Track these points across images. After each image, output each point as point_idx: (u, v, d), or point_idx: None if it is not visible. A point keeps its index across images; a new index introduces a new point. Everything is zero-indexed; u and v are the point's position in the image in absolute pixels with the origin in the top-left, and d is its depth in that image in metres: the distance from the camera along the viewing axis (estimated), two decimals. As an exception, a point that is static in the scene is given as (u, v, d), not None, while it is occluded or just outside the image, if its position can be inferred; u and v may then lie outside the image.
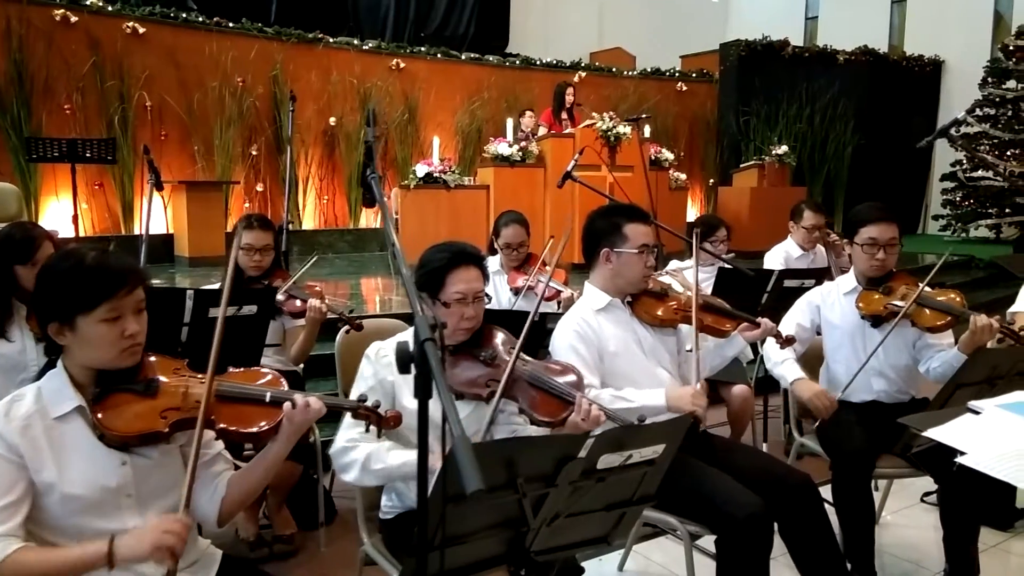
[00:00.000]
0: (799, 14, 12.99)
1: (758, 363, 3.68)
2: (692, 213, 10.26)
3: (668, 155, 7.82)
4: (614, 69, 10.40)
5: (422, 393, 1.00)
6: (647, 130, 7.74)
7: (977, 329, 2.43)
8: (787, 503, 2.19)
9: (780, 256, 4.13)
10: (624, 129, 7.03)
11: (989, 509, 2.90)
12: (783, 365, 2.71)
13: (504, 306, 3.71)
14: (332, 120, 8.22)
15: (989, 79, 10.01)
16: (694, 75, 10.80)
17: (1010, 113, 9.84)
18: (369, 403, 1.58)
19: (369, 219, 8.62)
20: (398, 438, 1.84)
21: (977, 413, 1.58)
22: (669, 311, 2.43)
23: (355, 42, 8.59)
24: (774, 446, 3.53)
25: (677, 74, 10.80)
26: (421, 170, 6.50)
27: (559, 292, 3.59)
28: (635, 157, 7.21)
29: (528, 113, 7.74)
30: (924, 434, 1.51)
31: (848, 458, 2.49)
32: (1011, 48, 9.85)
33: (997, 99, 9.91)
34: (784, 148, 8.86)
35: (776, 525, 2.22)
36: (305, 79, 7.99)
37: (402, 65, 8.73)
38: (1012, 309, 3.02)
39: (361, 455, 1.80)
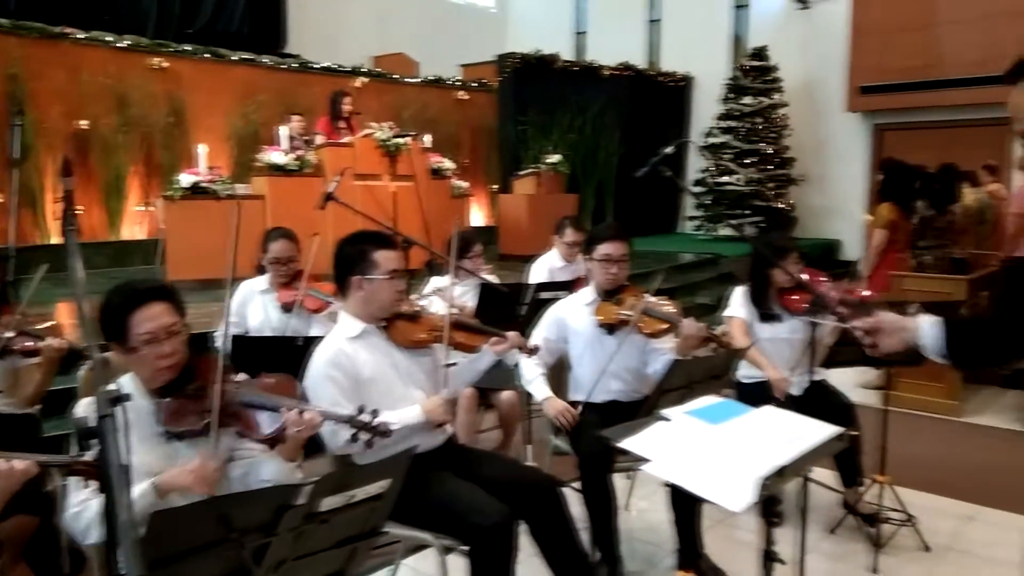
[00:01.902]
0: (569, 29, 13.83)
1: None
2: (477, 219, 10.60)
3: (449, 164, 8.01)
4: (396, 76, 10.43)
5: (105, 472, 0.98)
6: (427, 139, 7.88)
7: (687, 335, 2.78)
8: (534, 506, 2.38)
9: (544, 268, 4.40)
10: (403, 139, 7.11)
11: (839, 468, 3.30)
12: (534, 384, 2.96)
13: (273, 325, 3.63)
14: (83, 123, 7.49)
15: (729, 95, 11.30)
16: (474, 84, 11.13)
17: (748, 126, 11.19)
18: (88, 456, 1.51)
19: (134, 231, 7.97)
20: None
21: (668, 420, 1.83)
22: (423, 332, 2.53)
23: (109, 39, 7.88)
24: (539, 444, 3.78)
25: (458, 83, 11.07)
26: (186, 179, 6.14)
27: (327, 304, 3.57)
28: (416, 166, 7.34)
29: (295, 118, 7.49)
30: (619, 444, 1.72)
31: (590, 457, 2.75)
32: (747, 67, 11.21)
33: (737, 113, 11.21)
34: (558, 157, 9.39)
35: (529, 528, 2.42)
36: (49, 78, 7.21)
37: (165, 65, 8.14)
38: (726, 313, 3.48)
39: (93, 512, 1.71)
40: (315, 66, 9.65)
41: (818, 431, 1.80)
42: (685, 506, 2.80)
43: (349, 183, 6.30)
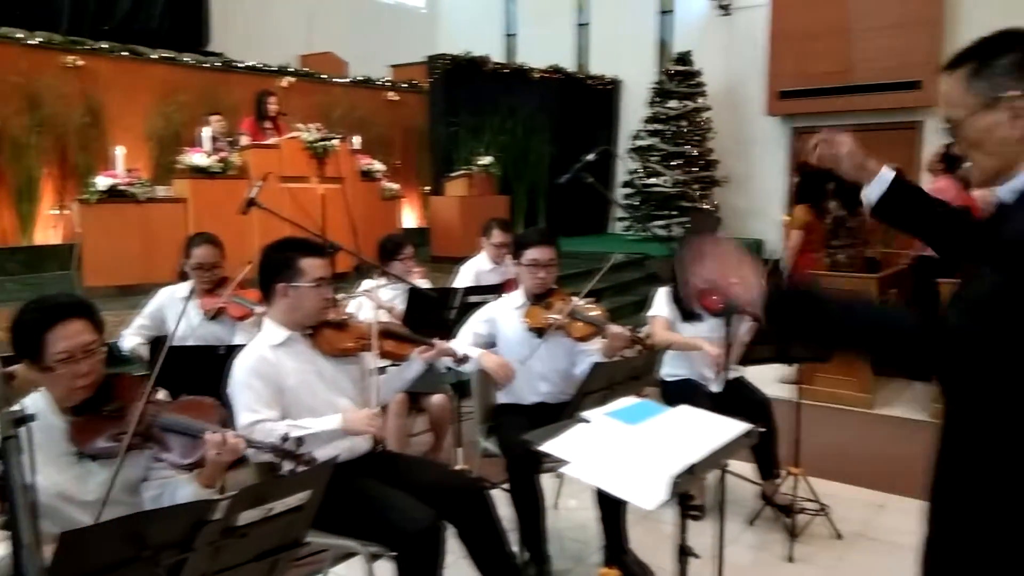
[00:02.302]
0: (499, 31, 13.90)
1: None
2: (410, 221, 10.54)
3: (379, 166, 7.96)
4: (324, 76, 10.29)
5: (8, 494, 0.96)
6: (357, 141, 7.81)
7: (612, 338, 2.86)
8: (461, 509, 2.41)
9: (471, 272, 4.43)
10: (331, 141, 7.03)
11: (757, 461, 3.43)
12: (467, 349, 2.92)
13: (196, 333, 3.55)
14: (-9, 123, 7.14)
15: (656, 98, 11.56)
16: (405, 85, 11.07)
17: (674, 129, 11.46)
18: None
19: (48, 235, 7.64)
20: (54, 515, 1.73)
21: (587, 422, 1.88)
22: (350, 341, 2.52)
23: (19, 35, 7.53)
24: (470, 447, 3.80)
25: (388, 84, 10.99)
26: (103, 182, 5.92)
27: (251, 311, 3.52)
28: (345, 168, 7.27)
29: (214, 118, 7.31)
30: (540, 448, 1.76)
31: (517, 458, 2.79)
32: (672, 72, 11.48)
33: (663, 116, 11.48)
34: (489, 159, 9.44)
35: (457, 531, 2.45)
36: (-49, 76, 6.85)
37: (80, 63, 7.83)
38: (649, 313, 3.58)
39: None
40: (239, 65, 9.43)
41: (728, 428, 1.88)
42: (611, 503, 2.87)
43: (275, 185, 6.20)
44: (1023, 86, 1.26)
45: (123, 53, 8.30)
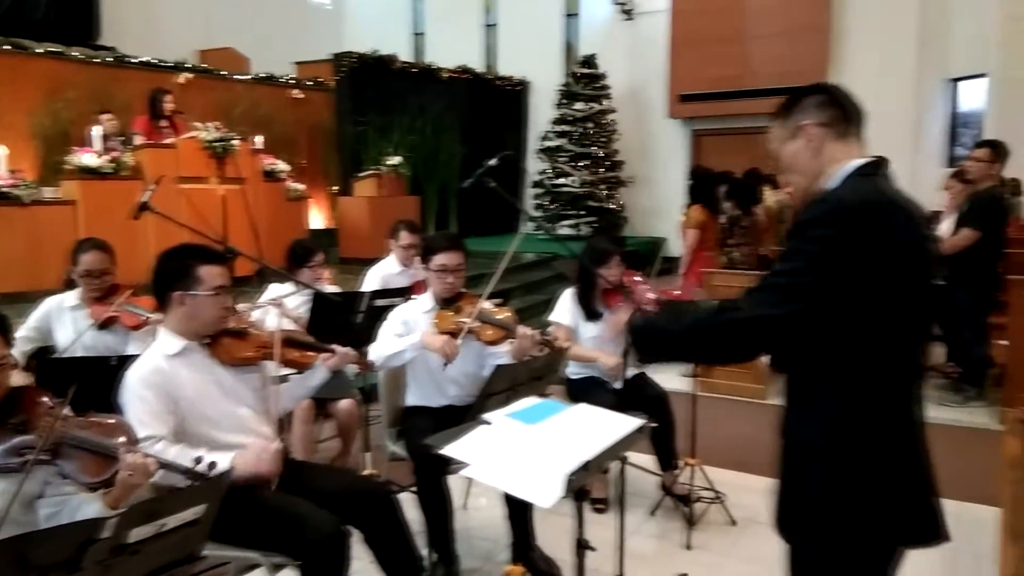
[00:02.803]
0: (407, 29, 13.82)
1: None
2: (317, 222, 10.35)
3: (283, 166, 7.79)
4: (224, 72, 9.97)
5: None
6: (259, 140, 7.61)
7: (521, 340, 2.92)
8: (366, 514, 2.42)
9: (378, 276, 4.41)
10: (232, 140, 6.83)
11: (656, 453, 3.58)
12: (399, 343, 2.97)
13: (85, 343, 3.40)
14: None
15: (563, 100, 11.77)
16: (310, 83, 10.85)
17: (581, 130, 11.70)
18: None
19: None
20: None
21: (488, 424, 1.93)
22: (250, 350, 2.48)
23: None
24: (378, 451, 3.80)
25: (292, 81, 10.75)
26: (-18, 185, 5.58)
27: (146, 320, 3.39)
28: (247, 169, 7.08)
29: (105, 116, 6.98)
30: (441, 452, 1.80)
31: (424, 461, 2.82)
32: (578, 74, 11.72)
33: (570, 118, 11.70)
34: (399, 159, 9.38)
35: (363, 536, 2.46)
36: None
37: (-45, 57, 7.34)
38: (552, 317, 3.68)
39: None
40: (132, 60, 9.01)
41: (623, 424, 1.97)
42: (518, 501, 2.93)
43: (172, 187, 5.99)
44: (814, 118, 1.59)
45: (5, 47, 7.81)
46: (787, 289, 1.45)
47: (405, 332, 3.13)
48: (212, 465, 1.87)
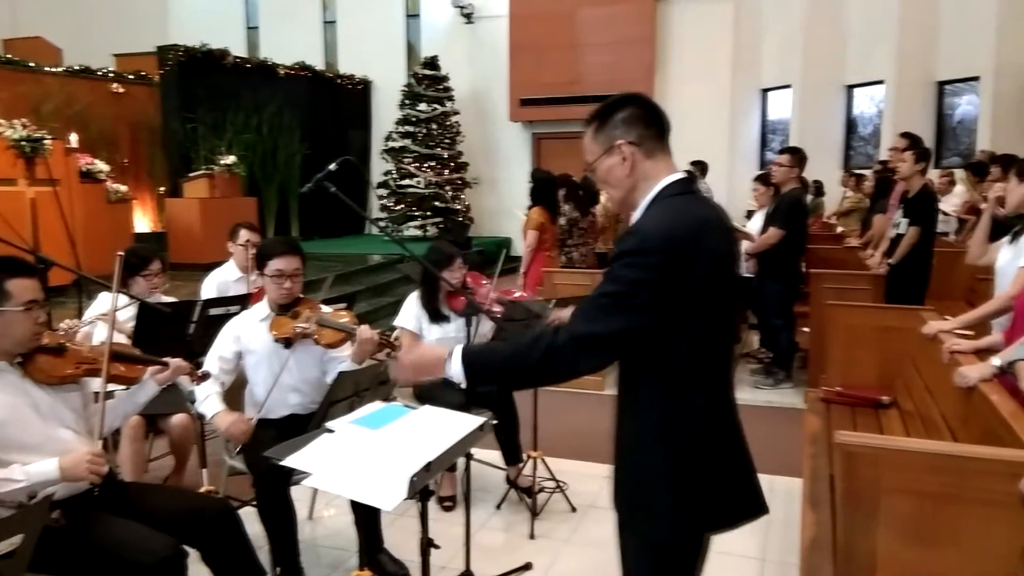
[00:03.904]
0: (240, 23, 13.24)
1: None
2: (142, 225, 9.71)
3: (103, 166, 7.25)
4: (32, 63, 9.10)
5: None
6: (74, 138, 7.04)
7: (361, 343, 2.92)
8: (205, 533, 2.34)
9: (214, 284, 4.21)
10: (43, 139, 6.27)
11: (502, 448, 3.68)
12: (205, 403, 2.86)
13: None
14: None
15: (406, 100, 11.75)
16: (132, 77, 10.14)
17: (425, 131, 11.73)
18: None
19: None
20: None
21: (332, 432, 1.94)
22: (69, 367, 2.32)
23: None
24: (215, 466, 3.66)
25: (112, 74, 9.99)
26: None
27: None
28: (61, 169, 6.53)
29: None
30: (282, 463, 1.79)
31: (266, 474, 2.75)
32: (421, 76, 11.74)
33: (414, 118, 11.70)
34: (232, 158, 8.99)
35: (202, 555, 2.37)
36: None
37: None
38: (396, 322, 3.71)
39: None
40: (-81, 47, 8.05)
41: (466, 423, 2.04)
42: (365, 506, 2.93)
43: (-28, 190, 5.43)
44: (628, 135, 1.63)
45: None
46: (608, 309, 1.53)
47: (237, 349, 3.04)
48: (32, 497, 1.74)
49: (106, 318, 3.40)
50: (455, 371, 1.65)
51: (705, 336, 1.59)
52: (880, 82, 9.85)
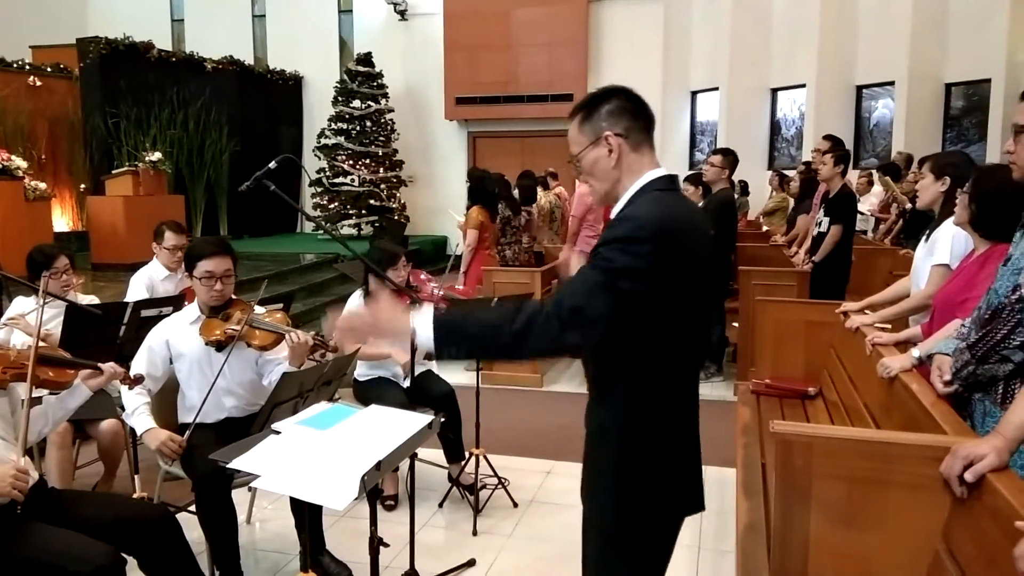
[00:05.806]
0: (164, 15, 12.83)
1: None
2: (62, 224, 9.30)
3: (20, 162, 6.91)
4: (-62, 53, 8.62)
5: None
6: (-13, 133, 6.70)
7: (295, 345, 2.88)
8: (142, 540, 2.28)
9: (142, 283, 4.08)
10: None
11: (444, 446, 3.70)
12: (135, 417, 2.78)
13: None
14: None
15: (339, 97, 11.58)
16: (49, 69, 9.69)
17: (359, 128, 11.59)
18: None
19: None
20: None
21: (279, 433, 1.92)
22: (-7, 372, 2.23)
23: None
24: (149, 472, 3.55)
25: (29, 67, 9.53)
26: None
27: None
28: (-27, 165, 6.21)
29: None
30: (229, 465, 1.76)
31: (206, 479, 2.69)
32: (354, 72, 11.58)
33: (347, 116, 11.54)
34: (158, 155, 8.69)
35: (139, 563, 2.31)
36: None
37: None
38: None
39: None
40: None
41: (413, 422, 2.04)
42: (306, 508, 2.90)
43: None
44: (615, 127, 1.62)
45: None
46: (597, 288, 1.48)
47: (167, 355, 2.95)
48: None
49: (14, 324, 3.26)
50: (423, 332, 1.51)
51: (680, 336, 1.60)
52: (802, 86, 10.24)
